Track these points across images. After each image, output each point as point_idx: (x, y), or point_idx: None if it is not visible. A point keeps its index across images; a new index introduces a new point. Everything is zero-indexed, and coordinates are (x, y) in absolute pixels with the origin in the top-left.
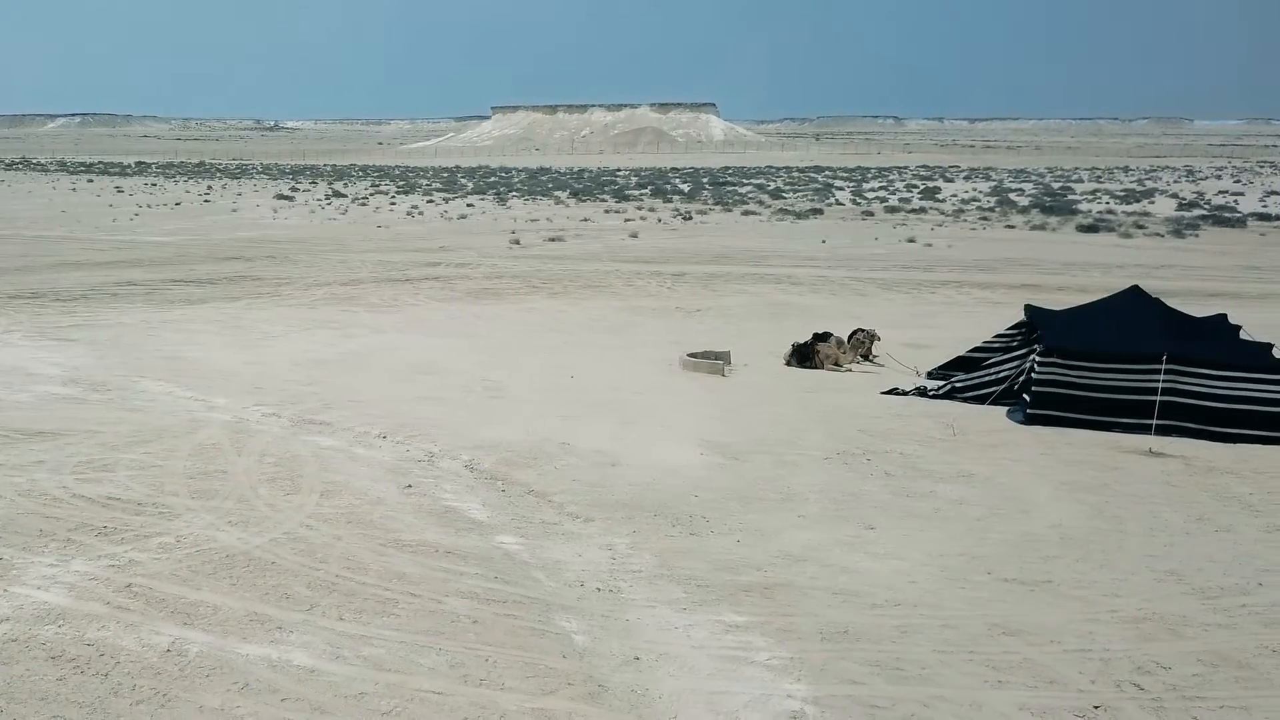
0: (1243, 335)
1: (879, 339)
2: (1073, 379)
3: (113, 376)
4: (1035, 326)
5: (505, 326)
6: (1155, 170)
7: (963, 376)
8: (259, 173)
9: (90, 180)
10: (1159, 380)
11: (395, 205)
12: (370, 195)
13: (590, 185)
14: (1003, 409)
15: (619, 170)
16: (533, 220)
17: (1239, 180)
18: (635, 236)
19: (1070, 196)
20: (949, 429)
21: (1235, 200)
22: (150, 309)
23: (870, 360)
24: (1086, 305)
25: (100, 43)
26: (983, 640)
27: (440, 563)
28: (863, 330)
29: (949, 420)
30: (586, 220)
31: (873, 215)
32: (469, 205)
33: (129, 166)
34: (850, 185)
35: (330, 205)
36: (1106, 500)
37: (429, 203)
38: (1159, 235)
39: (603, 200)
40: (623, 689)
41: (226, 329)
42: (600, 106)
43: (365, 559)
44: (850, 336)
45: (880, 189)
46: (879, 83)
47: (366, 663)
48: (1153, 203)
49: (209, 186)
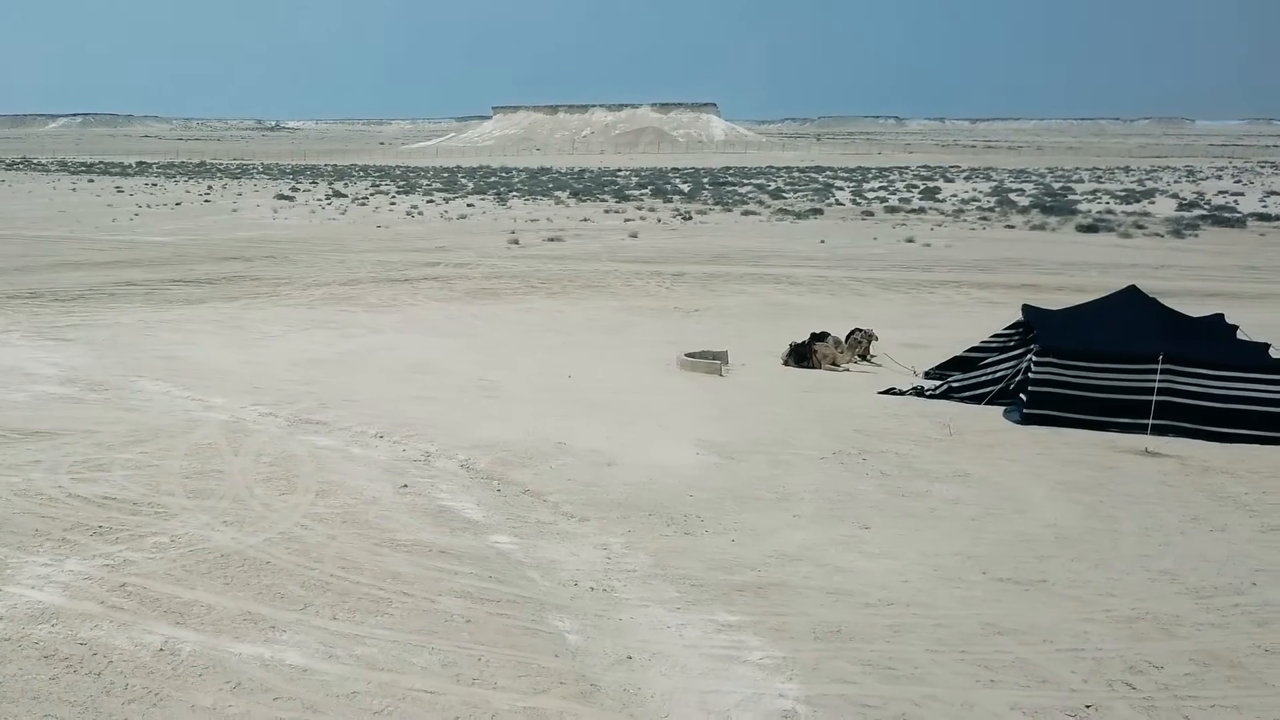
0: (1240, 335)
1: (876, 339)
2: (1069, 379)
3: (110, 376)
4: (1032, 326)
5: (503, 326)
6: (1156, 170)
7: (959, 376)
8: (259, 173)
9: (90, 180)
10: (1155, 380)
11: (395, 205)
12: (370, 195)
13: (590, 185)
14: (999, 409)
15: (619, 170)
16: (532, 220)
17: (1239, 180)
18: (635, 236)
19: (1070, 197)
20: (945, 429)
21: (1235, 200)
22: (148, 309)
23: (868, 360)
24: (1083, 305)
25: (101, 43)
26: (975, 640)
27: (434, 562)
28: (860, 330)
29: (945, 420)
30: (586, 220)
31: (872, 215)
32: (469, 205)
33: (130, 166)
34: (850, 185)
35: (330, 205)
36: (1102, 500)
37: (429, 203)
38: (1158, 235)
39: (603, 200)
40: (615, 688)
41: (225, 329)
42: (601, 106)
43: (360, 558)
44: (848, 336)
45: (880, 189)
46: (880, 83)
47: (359, 662)
48: (1153, 203)
49: (209, 186)
